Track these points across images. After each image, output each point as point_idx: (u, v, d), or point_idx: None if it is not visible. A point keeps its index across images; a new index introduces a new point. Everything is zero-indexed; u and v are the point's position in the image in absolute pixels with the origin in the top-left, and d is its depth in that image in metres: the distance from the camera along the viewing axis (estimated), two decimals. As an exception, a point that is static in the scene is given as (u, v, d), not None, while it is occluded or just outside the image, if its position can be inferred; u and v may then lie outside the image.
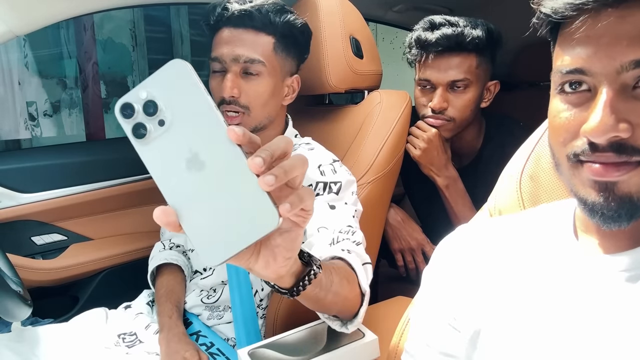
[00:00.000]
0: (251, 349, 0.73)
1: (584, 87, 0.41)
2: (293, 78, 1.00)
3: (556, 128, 0.43)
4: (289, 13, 0.95)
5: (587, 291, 0.44)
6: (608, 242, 0.45)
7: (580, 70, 0.41)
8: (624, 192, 0.39)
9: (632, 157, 0.39)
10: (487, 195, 0.69)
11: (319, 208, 0.85)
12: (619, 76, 0.39)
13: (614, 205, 0.40)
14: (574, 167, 0.42)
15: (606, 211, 0.40)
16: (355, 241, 0.79)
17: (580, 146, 0.41)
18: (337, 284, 0.64)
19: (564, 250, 0.48)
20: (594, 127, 0.38)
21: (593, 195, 0.41)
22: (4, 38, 0.98)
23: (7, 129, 2.91)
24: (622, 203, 0.40)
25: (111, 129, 3.49)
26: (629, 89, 0.39)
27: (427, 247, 1.20)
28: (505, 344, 0.47)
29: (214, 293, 1.00)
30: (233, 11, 0.90)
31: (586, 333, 0.42)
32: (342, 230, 0.80)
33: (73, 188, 1.32)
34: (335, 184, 0.90)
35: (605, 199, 0.40)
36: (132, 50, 3.60)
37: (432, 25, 1.11)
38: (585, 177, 0.41)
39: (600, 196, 0.40)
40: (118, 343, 0.95)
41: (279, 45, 0.94)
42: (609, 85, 0.39)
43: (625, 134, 0.38)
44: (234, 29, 0.91)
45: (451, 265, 0.56)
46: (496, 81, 1.17)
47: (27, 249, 1.28)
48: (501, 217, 0.61)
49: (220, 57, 0.91)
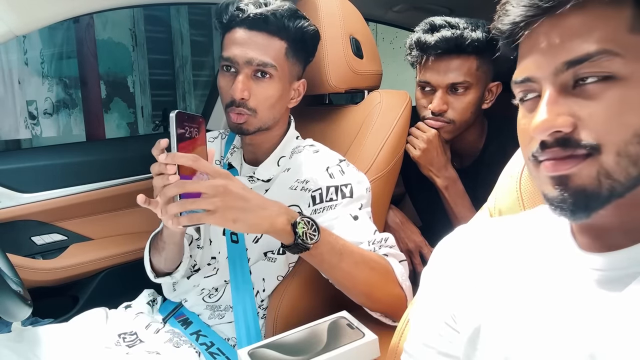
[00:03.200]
0: (251, 348, 0.73)
1: (534, 94, 0.45)
2: (300, 82, 1.01)
3: (519, 134, 0.47)
4: (303, 19, 0.95)
5: (583, 290, 0.44)
6: (603, 241, 0.45)
7: (527, 78, 0.44)
8: (577, 184, 0.41)
9: (576, 150, 0.41)
10: (488, 196, 0.69)
11: (344, 223, 0.88)
12: (557, 77, 0.42)
13: (568, 197, 0.42)
14: (535, 167, 0.45)
15: (564, 204, 0.42)
16: (389, 245, 0.87)
17: (534, 146, 0.44)
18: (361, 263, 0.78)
19: (562, 250, 0.48)
20: (535, 126, 0.42)
21: (550, 191, 0.43)
22: (3, 38, 0.98)
23: (7, 128, 2.91)
24: (576, 195, 0.41)
25: (111, 128, 3.49)
26: (569, 88, 0.42)
27: (425, 249, 1.20)
28: (504, 344, 0.48)
29: (215, 292, 1.00)
30: (249, 13, 0.90)
31: (583, 332, 0.42)
32: (376, 241, 0.86)
33: (73, 188, 1.32)
34: (347, 187, 0.91)
35: (560, 192, 0.42)
36: (132, 50, 3.60)
37: (432, 27, 1.11)
38: (543, 175, 0.43)
39: (556, 190, 0.42)
40: (118, 343, 0.95)
41: (290, 50, 0.94)
42: (549, 85, 0.42)
43: (567, 128, 0.41)
44: (248, 31, 0.91)
45: (450, 265, 0.56)
46: (498, 82, 1.17)
47: (27, 249, 1.28)
48: (500, 218, 0.61)
49: (233, 58, 0.91)
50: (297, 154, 0.99)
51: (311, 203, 0.92)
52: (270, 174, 0.98)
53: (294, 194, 0.94)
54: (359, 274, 0.80)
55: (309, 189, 0.92)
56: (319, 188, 0.91)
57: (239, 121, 0.93)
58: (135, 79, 3.66)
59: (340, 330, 0.76)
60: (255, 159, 1.01)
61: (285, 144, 1.01)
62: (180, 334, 0.97)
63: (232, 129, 0.96)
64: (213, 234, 1.03)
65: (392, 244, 0.88)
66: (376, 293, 0.82)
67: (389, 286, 0.82)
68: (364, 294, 0.83)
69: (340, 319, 0.80)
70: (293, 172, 0.96)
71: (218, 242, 1.02)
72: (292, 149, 1.00)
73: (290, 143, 1.02)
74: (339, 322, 0.79)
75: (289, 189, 0.95)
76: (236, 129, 0.95)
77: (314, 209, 0.91)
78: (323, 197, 0.91)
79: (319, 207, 0.91)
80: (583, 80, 0.41)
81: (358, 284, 0.81)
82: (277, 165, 0.99)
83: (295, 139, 1.04)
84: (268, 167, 0.99)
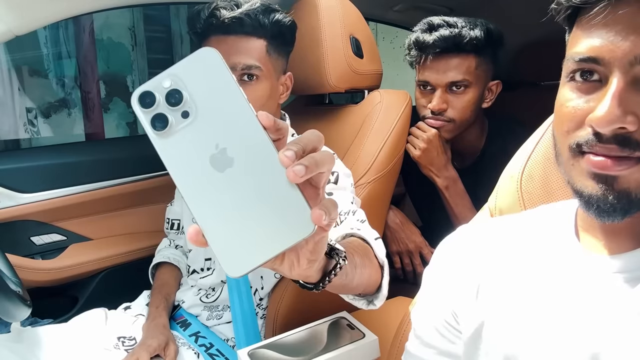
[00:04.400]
0: (251, 349, 0.73)
1: (595, 77, 0.40)
2: (286, 76, 1.00)
3: (562, 116, 0.43)
4: (276, 12, 0.93)
5: (587, 291, 0.44)
6: (610, 242, 0.45)
7: (593, 59, 0.39)
8: (623, 187, 0.39)
9: (634, 152, 0.38)
10: (489, 195, 0.69)
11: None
12: (632, 68, 0.38)
13: (611, 199, 0.39)
14: (574, 158, 0.42)
15: (602, 204, 0.40)
16: (359, 219, 0.79)
17: (584, 136, 0.40)
18: (360, 265, 0.64)
19: (565, 250, 0.48)
20: (600, 116, 0.38)
21: (590, 187, 0.40)
22: (3, 37, 0.98)
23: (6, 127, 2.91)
24: (620, 198, 0.39)
25: (110, 128, 3.49)
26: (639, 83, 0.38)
27: (425, 250, 1.20)
28: (505, 343, 0.47)
29: (212, 292, 1.00)
30: (223, 19, 0.88)
31: (586, 332, 0.42)
32: (343, 212, 0.80)
33: (72, 188, 1.32)
34: (333, 174, 0.90)
35: (603, 192, 0.39)
36: (131, 50, 3.60)
37: (430, 26, 1.11)
38: (585, 169, 0.40)
39: (598, 189, 0.40)
40: (117, 346, 0.94)
41: (271, 46, 0.93)
42: (620, 75, 0.38)
43: (632, 127, 0.37)
44: (225, 37, 0.89)
45: (452, 265, 0.56)
46: (498, 81, 1.17)
47: (27, 249, 1.28)
48: (502, 217, 0.61)
49: None
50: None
51: None
52: None
53: None
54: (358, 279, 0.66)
55: None
56: None
57: None
58: (135, 78, 3.66)
59: (341, 330, 0.76)
60: None
61: None
62: (179, 336, 0.97)
63: None
64: None
65: (362, 218, 0.80)
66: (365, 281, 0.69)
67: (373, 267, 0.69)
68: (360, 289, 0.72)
69: (340, 319, 0.80)
70: None
71: None
72: None
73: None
74: (339, 322, 0.79)
75: None
76: None
77: None
78: None
79: None
80: None
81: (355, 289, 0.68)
82: None
83: (290, 136, 1.03)
84: None
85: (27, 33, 1.01)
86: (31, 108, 3.04)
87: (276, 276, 0.96)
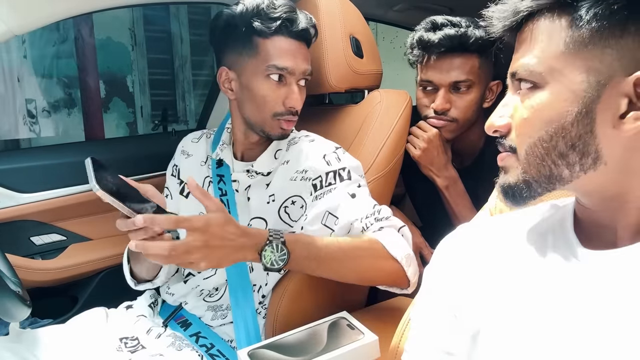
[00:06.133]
0: (251, 349, 0.73)
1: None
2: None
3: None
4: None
5: (587, 286, 0.44)
6: (608, 237, 0.46)
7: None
8: (506, 175, 0.49)
9: (505, 147, 0.49)
10: (489, 195, 0.69)
11: (343, 200, 0.90)
12: (512, 81, 0.49)
13: (503, 185, 0.50)
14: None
15: (500, 190, 0.50)
16: (383, 217, 0.89)
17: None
18: (348, 250, 0.82)
19: (564, 247, 0.48)
20: (487, 126, 0.51)
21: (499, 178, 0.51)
22: (3, 37, 0.98)
23: (6, 127, 2.91)
24: (506, 184, 0.49)
25: (110, 128, 3.49)
26: (518, 91, 0.48)
27: (424, 250, 1.20)
28: (506, 341, 0.47)
29: (216, 292, 1.00)
30: (301, 27, 0.94)
31: (586, 328, 0.42)
32: (369, 214, 0.89)
33: (72, 188, 1.32)
34: (344, 170, 0.94)
35: (501, 180, 0.50)
36: (131, 50, 3.60)
37: (434, 25, 1.11)
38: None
39: (501, 178, 0.50)
40: (120, 348, 0.94)
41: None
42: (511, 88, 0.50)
43: (503, 130, 0.49)
44: (296, 42, 0.95)
45: (452, 264, 0.56)
46: (498, 81, 1.17)
47: (26, 249, 1.28)
48: (501, 216, 0.61)
49: (290, 69, 0.94)
50: (294, 145, 1.00)
51: (312, 191, 0.94)
52: (270, 167, 0.99)
53: (294, 184, 0.95)
54: (343, 268, 0.83)
55: (309, 177, 0.94)
56: (318, 176, 0.93)
57: (290, 127, 0.97)
58: (135, 78, 3.66)
59: (341, 330, 0.76)
60: (252, 155, 1.01)
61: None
62: (181, 337, 0.97)
63: (275, 136, 0.98)
64: None
65: (386, 214, 0.90)
66: (367, 275, 0.86)
67: (379, 264, 0.84)
68: (355, 279, 0.87)
69: (340, 319, 0.80)
70: (292, 163, 0.97)
71: None
72: (289, 141, 1.01)
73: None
74: (339, 322, 0.79)
75: (289, 180, 0.96)
76: (282, 135, 0.98)
77: (315, 196, 0.93)
78: (323, 183, 0.93)
79: (319, 194, 0.93)
80: (520, 85, 0.47)
81: (345, 276, 0.85)
82: (275, 158, 0.99)
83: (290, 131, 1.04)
84: (265, 160, 0.99)
85: (27, 32, 1.01)
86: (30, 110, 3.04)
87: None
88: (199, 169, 1.07)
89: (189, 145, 1.11)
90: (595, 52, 0.42)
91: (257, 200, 0.98)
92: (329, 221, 0.89)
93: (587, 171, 0.44)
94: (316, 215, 0.90)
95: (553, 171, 0.45)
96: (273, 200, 0.97)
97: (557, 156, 0.44)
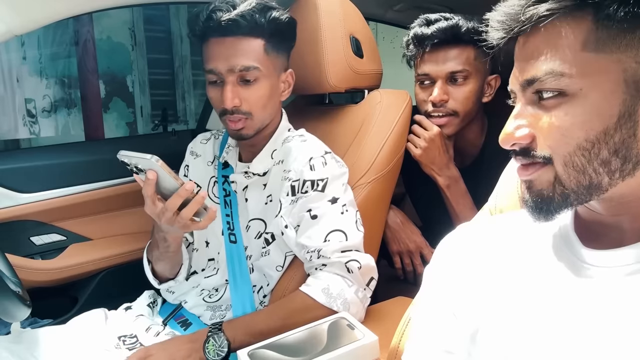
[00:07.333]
0: (251, 349, 0.73)
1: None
2: (287, 73, 1.01)
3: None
4: (273, 10, 0.93)
5: (587, 286, 0.44)
6: (608, 237, 0.45)
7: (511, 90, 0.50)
8: (537, 188, 0.46)
9: (535, 159, 0.45)
10: (489, 195, 0.69)
11: (303, 222, 0.91)
12: (525, 91, 0.45)
13: (531, 200, 0.46)
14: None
15: (527, 204, 0.47)
16: (329, 253, 0.88)
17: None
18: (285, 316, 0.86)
19: (564, 246, 0.48)
20: (502, 139, 0.48)
21: (521, 191, 0.49)
22: (3, 37, 0.98)
23: (6, 127, 2.91)
24: (536, 198, 0.46)
25: (110, 128, 3.49)
26: (536, 102, 0.45)
27: (425, 250, 1.20)
28: (505, 340, 0.47)
29: (216, 293, 1.00)
30: (219, 21, 0.88)
31: (586, 328, 0.42)
32: (317, 248, 0.88)
33: (72, 188, 1.32)
34: (322, 180, 0.92)
35: (527, 194, 0.47)
36: (131, 50, 3.60)
37: (428, 21, 1.12)
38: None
39: (524, 191, 0.48)
40: (118, 345, 0.94)
41: (269, 45, 0.93)
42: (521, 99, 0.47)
43: (524, 141, 0.45)
44: (223, 38, 0.90)
45: (452, 263, 0.56)
46: (496, 75, 1.17)
47: (26, 249, 1.28)
48: (501, 215, 0.61)
49: (215, 69, 0.91)
50: (287, 144, 1.00)
51: (290, 192, 0.93)
52: (265, 167, 0.99)
53: (281, 184, 0.95)
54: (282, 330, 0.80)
55: (290, 178, 0.94)
56: (297, 179, 0.93)
57: (237, 127, 0.94)
58: (135, 78, 3.65)
59: (340, 330, 0.76)
60: (251, 156, 1.02)
61: (277, 137, 1.01)
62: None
63: (233, 136, 0.97)
64: (210, 235, 1.03)
65: (335, 247, 0.88)
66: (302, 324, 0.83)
67: (312, 315, 0.83)
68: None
69: (340, 319, 0.79)
70: (283, 163, 0.97)
71: (217, 242, 1.02)
72: (283, 140, 1.01)
73: (282, 135, 1.02)
74: (339, 322, 0.79)
75: (280, 180, 0.96)
76: (236, 135, 0.96)
77: (291, 199, 0.93)
78: (299, 189, 0.92)
79: (294, 199, 0.93)
80: (542, 95, 0.44)
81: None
82: (271, 158, 0.99)
83: (287, 131, 1.04)
84: (261, 160, 0.99)
85: (27, 33, 1.01)
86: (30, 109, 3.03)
87: (277, 269, 0.97)
88: (205, 168, 1.08)
89: (198, 146, 1.12)
90: (629, 51, 0.40)
91: (254, 201, 0.99)
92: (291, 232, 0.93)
93: (625, 177, 0.42)
94: (293, 220, 0.93)
95: (593, 180, 0.42)
96: (271, 201, 0.97)
97: (600, 164, 0.42)
